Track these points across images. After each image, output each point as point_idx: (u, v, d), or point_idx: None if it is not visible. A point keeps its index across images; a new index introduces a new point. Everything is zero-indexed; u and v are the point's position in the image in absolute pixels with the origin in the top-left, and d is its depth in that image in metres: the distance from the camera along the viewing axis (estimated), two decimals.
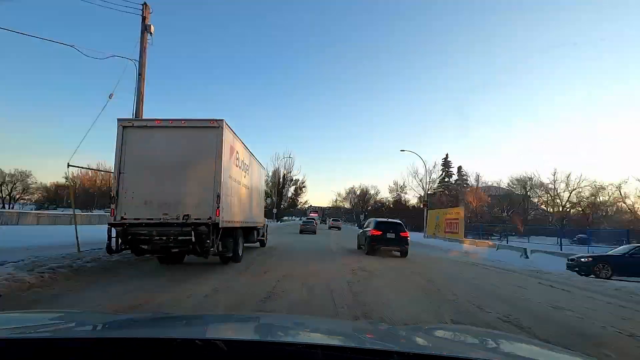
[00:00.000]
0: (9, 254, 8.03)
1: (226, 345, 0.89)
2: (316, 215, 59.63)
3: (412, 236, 15.52)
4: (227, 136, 7.77)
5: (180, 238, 7.08)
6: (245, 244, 10.40)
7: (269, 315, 3.23)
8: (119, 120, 7.43)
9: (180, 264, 8.57)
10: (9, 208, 45.27)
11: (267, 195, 38.81)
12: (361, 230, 16.41)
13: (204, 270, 7.88)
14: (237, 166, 8.91)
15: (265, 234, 14.94)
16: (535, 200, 50.01)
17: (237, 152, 8.83)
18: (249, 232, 11.07)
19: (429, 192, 50.49)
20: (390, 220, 14.83)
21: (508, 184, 54.07)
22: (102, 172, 50.43)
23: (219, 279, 6.92)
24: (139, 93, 10.68)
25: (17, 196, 54.71)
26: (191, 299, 5.27)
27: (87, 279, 6.49)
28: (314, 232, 29.88)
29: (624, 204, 39.32)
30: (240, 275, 7.57)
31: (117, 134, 7.35)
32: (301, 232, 29.41)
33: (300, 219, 48.58)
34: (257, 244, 13.95)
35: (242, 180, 9.56)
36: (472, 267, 12.45)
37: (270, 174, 55.52)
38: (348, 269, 9.26)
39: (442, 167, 60.98)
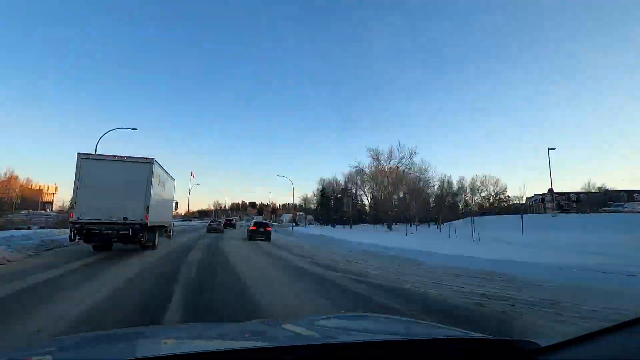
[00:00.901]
0: None
1: None
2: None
3: None
4: (156, 168, 12.32)
5: (121, 232, 11.36)
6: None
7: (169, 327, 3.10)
8: (79, 154, 11.35)
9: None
10: None
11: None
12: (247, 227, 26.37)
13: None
14: (158, 185, 13.34)
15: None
16: None
17: (159, 176, 13.30)
18: (161, 228, 15.41)
19: None
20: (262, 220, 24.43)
21: None
22: None
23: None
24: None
25: None
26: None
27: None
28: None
29: None
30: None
31: (77, 163, 11.25)
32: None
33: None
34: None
35: (161, 193, 14.01)
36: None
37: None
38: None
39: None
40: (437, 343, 1.26)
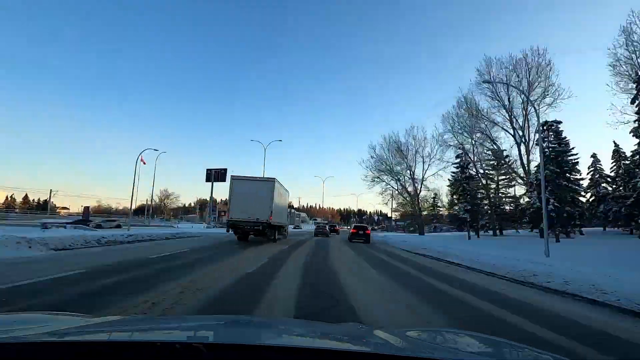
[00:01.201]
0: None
1: (208, 348, 0.88)
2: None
3: None
4: (276, 184, 17.96)
5: (255, 227, 17.19)
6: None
7: (269, 318, 3.05)
8: (231, 176, 17.75)
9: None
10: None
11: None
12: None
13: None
14: (277, 196, 19.04)
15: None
16: None
17: (278, 190, 18.99)
18: (280, 228, 21.19)
19: None
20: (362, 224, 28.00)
21: None
22: None
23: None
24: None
25: None
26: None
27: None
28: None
29: None
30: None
31: (230, 182, 17.63)
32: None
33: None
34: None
35: (279, 202, 19.77)
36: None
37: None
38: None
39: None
40: None
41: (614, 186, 29.68)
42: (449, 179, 35.32)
